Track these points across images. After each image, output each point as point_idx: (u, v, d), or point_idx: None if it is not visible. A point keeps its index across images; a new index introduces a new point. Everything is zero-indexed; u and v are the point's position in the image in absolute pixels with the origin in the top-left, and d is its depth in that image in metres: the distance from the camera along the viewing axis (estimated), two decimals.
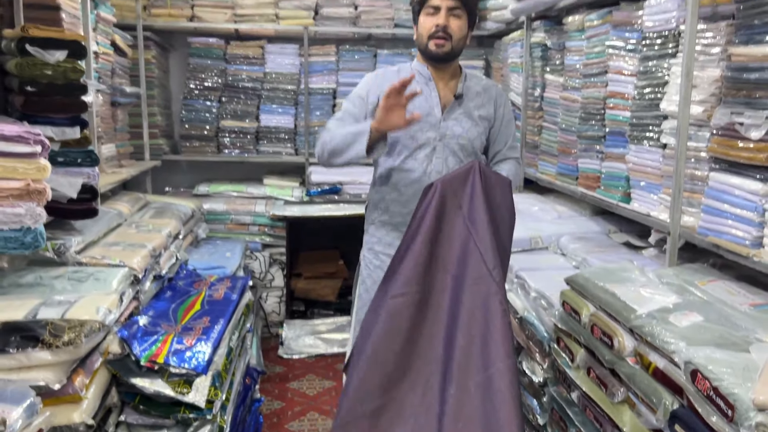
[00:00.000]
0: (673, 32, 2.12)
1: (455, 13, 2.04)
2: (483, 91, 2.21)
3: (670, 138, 2.12)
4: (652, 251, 2.43)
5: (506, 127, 2.25)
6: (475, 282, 1.75)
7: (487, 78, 2.30)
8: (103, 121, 3.33)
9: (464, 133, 2.14)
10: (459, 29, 2.07)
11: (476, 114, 2.17)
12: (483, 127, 2.19)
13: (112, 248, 2.36)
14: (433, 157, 2.13)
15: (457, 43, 2.09)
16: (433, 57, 2.10)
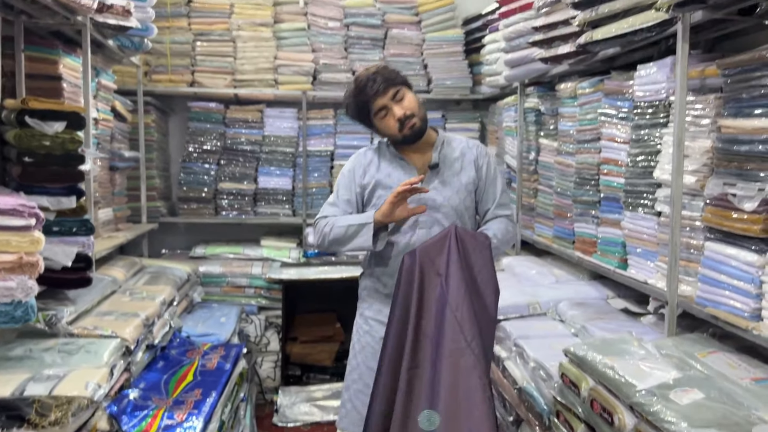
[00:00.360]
0: (663, 102, 2.15)
1: (399, 97, 2.11)
2: (461, 155, 2.23)
3: (664, 206, 2.12)
4: (651, 318, 2.41)
5: (491, 185, 2.26)
6: (452, 354, 1.74)
7: (466, 139, 2.32)
8: (101, 185, 3.35)
9: (445, 202, 2.16)
10: (412, 102, 2.13)
11: (456, 180, 2.19)
12: (466, 192, 2.20)
13: (104, 318, 2.33)
14: (417, 229, 2.16)
15: (421, 113, 2.15)
16: (413, 139, 2.15)
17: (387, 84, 2.08)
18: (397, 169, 2.20)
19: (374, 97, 2.08)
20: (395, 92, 2.10)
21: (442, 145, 2.23)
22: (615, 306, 2.60)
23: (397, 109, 2.09)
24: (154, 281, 3.12)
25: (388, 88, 2.08)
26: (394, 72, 2.16)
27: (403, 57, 4.46)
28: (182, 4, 4.25)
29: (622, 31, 2.14)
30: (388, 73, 2.13)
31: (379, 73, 2.11)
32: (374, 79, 2.09)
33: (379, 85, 2.07)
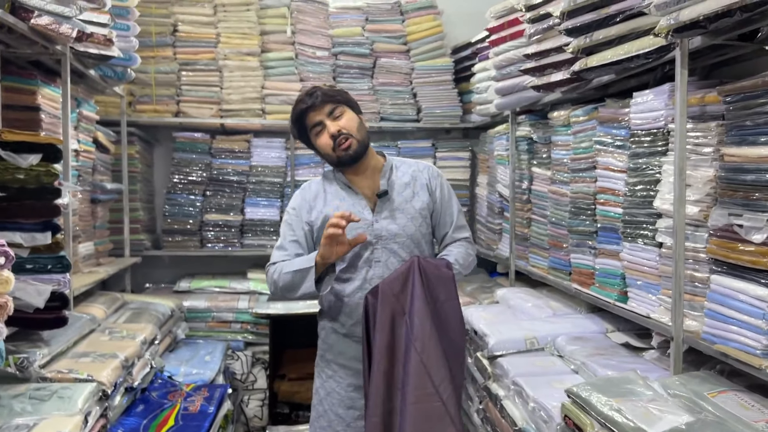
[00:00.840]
0: (662, 130, 2.09)
1: (336, 114, 2.04)
2: (412, 180, 2.15)
3: (666, 237, 2.05)
4: (654, 353, 2.32)
5: (447, 207, 2.18)
6: (418, 400, 1.66)
7: (416, 162, 2.23)
8: (81, 218, 3.24)
9: (400, 231, 2.07)
10: (351, 121, 2.05)
11: (410, 207, 2.10)
12: (421, 218, 2.12)
13: (80, 360, 2.21)
14: (372, 263, 2.06)
15: (360, 134, 2.06)
16: (349, 161, 2.06)
17: (325, 99, 2.02)
18: (344, 199, 2.10)
19: (309, 110, 2.03)
20: (332, 108, 2.03)
21: (391, 170, 2.15)
22: (615, 340, 2.51)
23: (331, 125, 2.01)
24: (136, 318, 2.99)
25: (325, 103, 2.02)
26: (338, 91, 2.10)
27: (392, 86, 4.41)
28: (167, 34, 4.19)
29: (617, 58, 2.09)
30: (329, 89, 2.07)
31: (319, 89, 2.06)
32: (312, 92, 2.04)
33: (316, 99, 2.01)
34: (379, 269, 2.04)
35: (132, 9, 3.30)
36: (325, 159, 2.11)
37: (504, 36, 3.29)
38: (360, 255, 2.05)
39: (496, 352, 2.54)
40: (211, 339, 3.80)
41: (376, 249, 2.05)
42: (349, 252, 2.00)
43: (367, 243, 2.03)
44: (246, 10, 4.29)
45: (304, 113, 2.04)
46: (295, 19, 4.35)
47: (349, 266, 2.07)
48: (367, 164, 2.12)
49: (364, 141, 2.07)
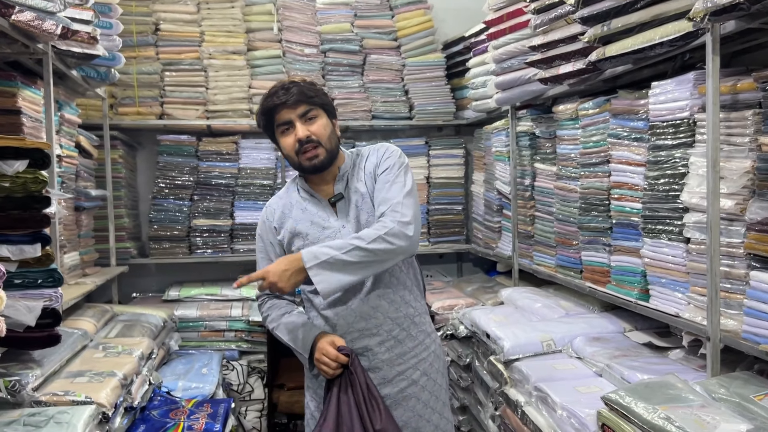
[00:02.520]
0: (687, 121, 2.01)
1: (310, 117, 1.83)
2: (369, 172, 1.91)
3: (694, 232, 1.96)
4: (679, 353, 2.24)
5: (382, 183, 1.86)
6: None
7: (371, 148, 1.98)
8: (66, 228, 3.07)
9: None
10: (323, 128, 1.84)
11: (368, 200, 1.89)
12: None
13: (76, 380, 2.06)
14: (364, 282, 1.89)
15: (330, 143, 1.86)
16: (312, 171, 1.88)
17: (300, 98, 1.80)
18: (306, 210, 1.92)
19: (280, 107, 1.81)
20: (307, 110, 1.82)
21: (352, 170, 1.94)
22: (636, 340, 2.42)
23: (300, 129, 1.81)
24: (129, 331, 2.84)
25: (299, 102, 1.80)
26: (316, 90, 1.86)
27: (383, 83, 4.30)
28: (149, 33, 4.03)
29: (639, 46, 2.00)
30: (308, 88, 1.84)
31: (296, 84, 1.83)
32: (288, 88, 1.82)
33: (290, 96, 1.80)
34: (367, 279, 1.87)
35: (114, 6, 3.13)
36: (286, 159, 1.92)
37: (504, 28, 3.20)
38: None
39: (512, 356, 2.44)
40: (205, 349, 3.65)
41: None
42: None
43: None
44: (230, 7, 4.13)
45: (274, 109, 1.83)
46: (281, 15, 4.21)
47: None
48: (333, 170, 1.93)
49: (333, 151, 1.87)
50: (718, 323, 1.81)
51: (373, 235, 1.71)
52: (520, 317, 2.86)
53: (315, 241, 1.84)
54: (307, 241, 1.87)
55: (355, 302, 1.87)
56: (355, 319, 1.87)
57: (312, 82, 1.87)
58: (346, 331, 1.86)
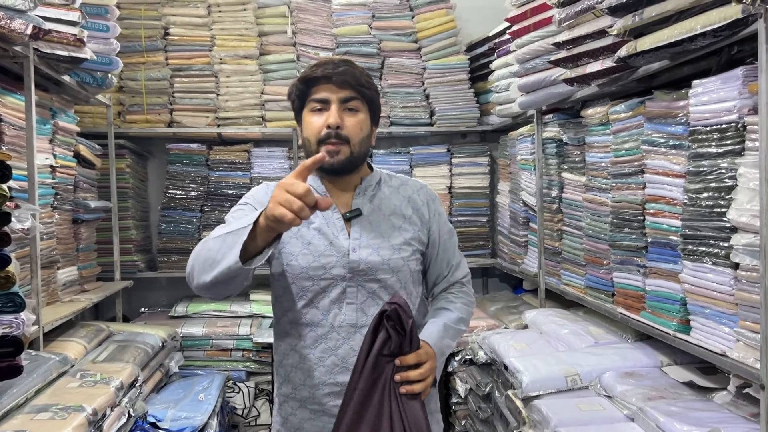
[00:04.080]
0: (736, 125, 1.70)
1: (351, 107, 1.50)
2: (407, 200, 1.62)
3: (744, 256, 1.65)
4: (726, 395, 1.92)
5: (446, 242, 1.66)
6: None
7: (410, 179, 1.70)
8: (60, 242, 2.90)
9: (384, 265, 1.52)
10: (358, 127, 1.51)
11: (398, 235, 1.56)
12: (410, 250, 1.57)
13: (37, 416, 1.86)
14: (344, 304, 1.51)
15: (359, 147, 1.52)
16: (327, 170, 1.54)
17: (349, 80, 1.48)
18: (316, 214, 1.52)
19: (323, 81, 1.49)
20: (351, 97, 1.50)
21: (378, 185, 1.62)
22: (675, 377, 2.11)
23: (334, 114, 1.47)
24: (119, 354, 2.64)
25: (346, 85, 1.48)
26: (370, 82, 1.54)
27: (403, 87, 4.05)
28: (158, 37, 3.87)
29: (676, 38, 1.71)
30: (362, 75, 1.52)
31: (351, 66, 1.51)
32: (337, 65, 1.50)
33: (340, 75, 1.48)
34: (352, 314, 1.50)
35: (111, 8, 2.96)
36: (302, 142, 1.57)
37: (527, 25, 2.92)
38: (326, 292, 1.51)
39: (532, 392, 2.15)
40: (210, 369, 3.46)
41: (349, 286, 1.51)
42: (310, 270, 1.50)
43: (337, 278, 1.51)
44: (242, 10, 3.96)
45: (315, 80, 1.50)
46: (295, 18, 4.01)
47: (311, 306, 1.52)
48: (355, 179, 1.60)
49: (359, 157, 1.55)
50: None
51: (471, 314, 1.69)
52: (544, 345, 2.57)
53: (314, 254, 1.50)
54: (305, 251, 1.51)
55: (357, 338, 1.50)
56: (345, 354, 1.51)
57: (368, 74, 1.55)
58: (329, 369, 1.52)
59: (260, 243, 1.25)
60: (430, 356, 1.42)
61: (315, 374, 1.50)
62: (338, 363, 1.49)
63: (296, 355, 1.54)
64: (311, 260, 1.50)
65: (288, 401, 1.56)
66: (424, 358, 1.39)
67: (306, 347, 1.52)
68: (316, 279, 1.50)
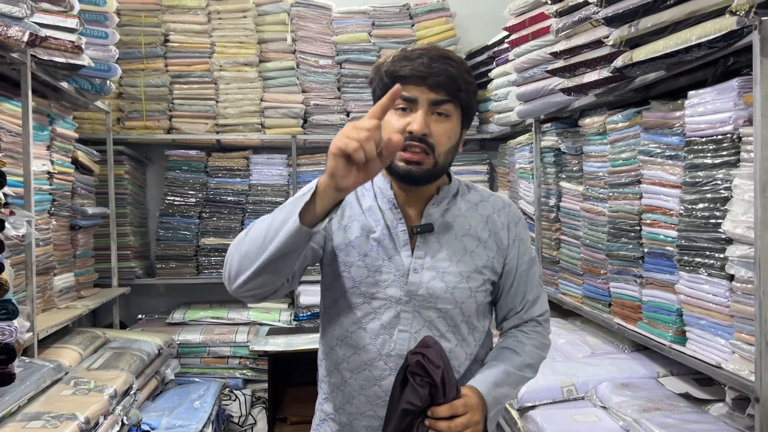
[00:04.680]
0: (731, 136, 1.70)
1: (441, 111, 1.27)
2: (485, 220, 1.39)
3: (739, 268, 1.65)
4: (722, 407, 1.91)
5: (525, 273, 1.42)
6: None
7: (494, 195, 1.46)
8: (57, 248, 2.90)
9: (447, 294, 1.31)
10: (445, 136, 1.28)
11: (468, 259, 1.34)
12: (481, 280, 1.35)
13: (29, 425, 1.85)
14: (396, 330, 1.30)
15: (444, 158, 1.30)
16: (403, 178, 1.31)
17: (445, 85, 1.25)
18: (380, 222, 1.35)
19: (409, 72, 1.25)
20: (443, 100, 1.26)
21: (454, 198, 1.39)
22: (671, 389, 2.10)
23: (419, 120, 1.24)
24: (115, 362, 2.63)
25: (439, 89, 1.25)
26: (468, 84, 1.30)
27: None
28: (158, 44, 3.87)
29: (672, 49, 1.71)
30: (460, 77, 1.27)
31: (446, 64, 1.26)
32: (432, 60, 1.25)
33: (434, 77, 1.24)
34: (403, 342, 1.30)
35: (110, 15, 2.97)
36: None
37: (525, 35, 2.92)
38: (377, 313, 1.32)
39: (527, 402, 2.15)
40: (207, 377, 3.45)
41: (404, 311, 1.31)
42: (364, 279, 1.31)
43: (392, 300, 1.31)
44: (242, 17, 3.96)
45: (402, 78, 1.25)
46: (295, 25, 4.02)
47: (359, 327, 1.33)
48: (431, 189, 1.38)
49: (442, 169, 1.32)
50: None
51: (542, 359, 1.44)
52: None
53: (370, 267, 1.32)
54: (360, 263, 1.32)
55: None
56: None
57: (467, 70, 1.31)
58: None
59: (319, 210, 1.09)
60: (470, 407, 1.22)
61: (355, 402, 1.34)
62: (381, 395, 1.31)
63: (339, 376, 1.37)
64: (365, 274, 1.32)
65: (327, 421, 1.40)
66: (461, 410, 1.20)
67: (349, 370, 1.34)
68: (367, 297, 1.32)
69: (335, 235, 1.35)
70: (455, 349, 1.32)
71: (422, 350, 1.19)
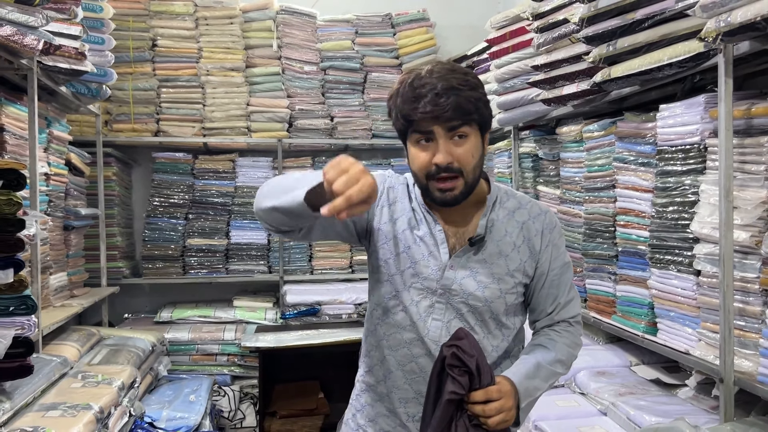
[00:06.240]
0: (698, 146, 1.90)
1: (460, 134, 1.32)
2: (520, 227, 1.46)
3: (705, 264, 1.84)
4: (689, 391, 2.11)
5: (557, 277, 1.48)
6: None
7: (530, 200, 1.53)
8: (53, 248, 2.97)
9: (478, 291, 1.41)
10: (469, 155, 1.34)
11: (501, 262, 1.44)
12: (513, 283, 1.44)
13: (48, 414, 1.94)
14: (430, 318, 1.43)
15: (473, 174, 1.36)
16: (441, 204, 1.39)
17: (455, 114, 1.30)
18: (416, 227, 1.47)
19: (420, 117, 1.31)
20: (459, 124, 1.32)
21: (494, 205, 1.47)
22: (643, 375, 2.29)
23: (443, 150, 1.32)
24: (113, 357, 2.72)
25: (451, 119, 1.31)
26: (477, 99, 1.33)
27: (384, 101, 4.18)
28: (146, 48, 3.95)
29: (647, 67, 1.89)
30: (468, 98, 1.31)
31: (454, 94, 1.29)
32: (439, 95, 1.29)
33: (444, 110, 1.30)
34: (437, 330, 1.42)
35: (107, 21, 3.06)
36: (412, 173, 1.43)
37: (506, 47, 3.10)
38: (415, 300, 1.43)
39: None
40: (196, 373, 3.54)
41: (438, 302, 1.42)
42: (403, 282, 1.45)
43: (428, 291, 1.43)
44: (229, 24, 4.06)
45: (409, 115, 1.33)
46: (281, 32, 4.14)
47: (401, 308, 1.45)
48: (471, 198, 1.44)
49: (475, 182, 1.39)
50: (732, 364, 1.68)
51: (574, 357, 1.51)
52: None
53: (412, 259, 1.44)
54: (405, 254, 1.45)
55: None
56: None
57: (474, 86, 1.34)
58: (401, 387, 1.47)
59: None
60: (504, 393, 1.30)
61: (392, 376, 1.46)
62: (417, 371, 1.43)
63: (380, 352, 1.49)
64: (408, 264, 1.44)
65: (368, 391, 1.53)
66: (495, 395, 1.27)
67: (390, 347, 1.47)
68: (407, 285, 1.44)
69: (384, 225, 1.47)
70: (482, 341, 1.42)
71: (456, 342, 1.28)
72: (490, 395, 1.27)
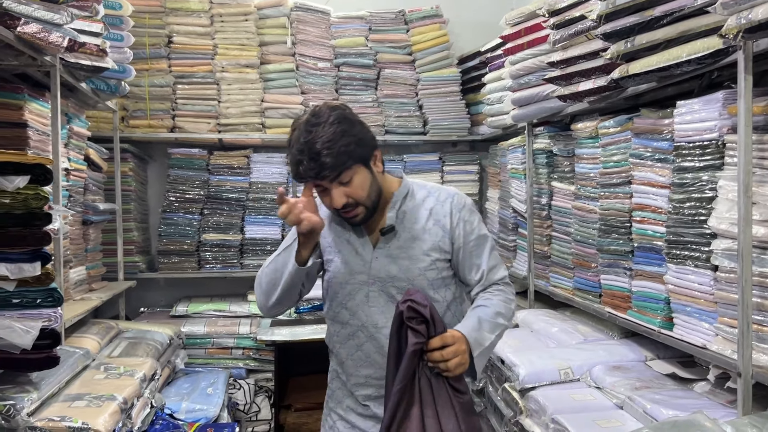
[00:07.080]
0: (716, 142, 1.91)
1: (344, 179, 1.56)
2: (429, 212, 1.72)
3: (723, 260, 1.86)
4: (705, 385, 2.12)
5: (475, 248, 1.72)
6: None
7: (440, 188, 1.79)
8: (72, 242, 3.02)
9: (400, 274, 1.66)
10: (359, 189, 1.59)
11: (416, 245, 1.68)
12: (429, 261, 1.68)
13: (74, 404, 1.98)
14: (367, 306, 1.69)
15: (371, 199, 1.62)
16: (353, 225, 1.70)
17: (327, 172, 1.52)
18: (341, 234, 1.74)
19: (305, 179, 1.57)
20: (336, 175, 1.54)
21: (404, 199, 1.72)
22: (658, 370, 2.31)
23: (336, 195, 1.57)
24: (133, 350, 2.77)
25: (326, 176, 1.54)
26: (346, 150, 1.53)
27: (397, 98, 4.23)
28: (162, 45, 3.99)
29: (664, 64, 1.91)
30: (335, 158, 1.51)
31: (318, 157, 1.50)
32: (311, 160, 1.51)
33: (316, 171, 1.52)
34: (375, 315, 1.68)
35: (126, 18, 3.10)
36: None
37: (521, 44, 3.11)
38: (352, 295, 1.70)
39: (528, 384, 2.34)
40: (212, 367, 3.58)
41: (372, 291, 1.68)
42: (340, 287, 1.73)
43: (361, 283, 1.69)
44: (244, 20, 4.10)
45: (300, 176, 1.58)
46: (295, 29, 4.17)
47: (341, 307, 1.73)
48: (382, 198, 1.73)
49: (376, 202, 1.66)
50: (750, 358, 1.70)
51: (511, 310, 1.73)
52: (535, 342, 2.76)
53: (344, 262, 1.71)
54: (338, 259, 1.72)
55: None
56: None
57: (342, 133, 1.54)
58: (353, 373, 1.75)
59: (305, 253, 1.62)
60: (457, 339, 1.51)
61: (346, 365, 1.75)
62: (363, 358, 1.71)
63: (336, 346, 1.78)
64: (341, 267, 1.72)
65: (335, 379, 1.82)
66: (450, 340, 1.49)
67: (340, 342, 1.76)
68: (343, 283, 1.72)
69: (323, 239, 1.75)
70: None
71: (409, 297, 1.49)
72: (445, 340, 1.49)
